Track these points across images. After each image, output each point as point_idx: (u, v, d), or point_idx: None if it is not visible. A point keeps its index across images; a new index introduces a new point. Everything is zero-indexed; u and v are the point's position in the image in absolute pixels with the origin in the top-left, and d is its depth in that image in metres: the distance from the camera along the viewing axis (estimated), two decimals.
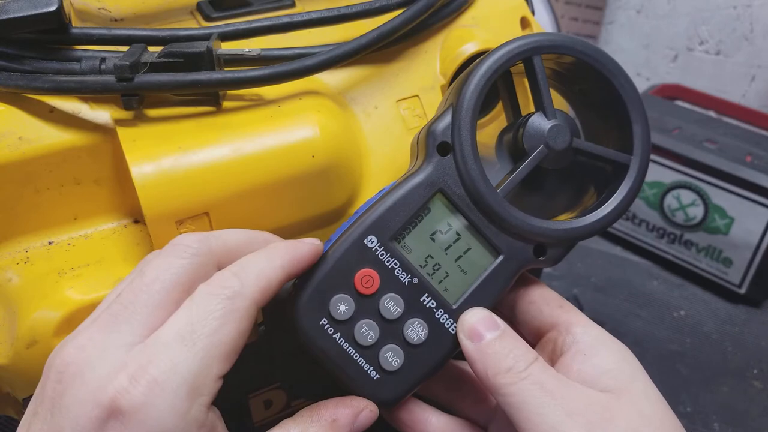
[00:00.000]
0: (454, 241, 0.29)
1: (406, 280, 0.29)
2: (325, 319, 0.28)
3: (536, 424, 0.25)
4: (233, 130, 0.31)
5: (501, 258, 0.29)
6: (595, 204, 0.30)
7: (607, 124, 0.31)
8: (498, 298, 0.30)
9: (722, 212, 0.73)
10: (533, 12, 0.43)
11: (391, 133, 0.36)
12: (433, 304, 0.29)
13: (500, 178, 0.30)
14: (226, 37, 0.33)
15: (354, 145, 0.34)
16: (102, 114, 0.31)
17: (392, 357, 0.29)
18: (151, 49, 0.31)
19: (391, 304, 0.29)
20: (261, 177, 0.30)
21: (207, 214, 0.30)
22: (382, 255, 0.29)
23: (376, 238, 0.29)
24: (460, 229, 0.29)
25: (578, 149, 0.30)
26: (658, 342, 0.69)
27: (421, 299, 0.29)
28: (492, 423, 0.31)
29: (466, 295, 0.29)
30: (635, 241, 0.82)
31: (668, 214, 0.77)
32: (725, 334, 0.71)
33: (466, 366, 0.32)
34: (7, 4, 0.28)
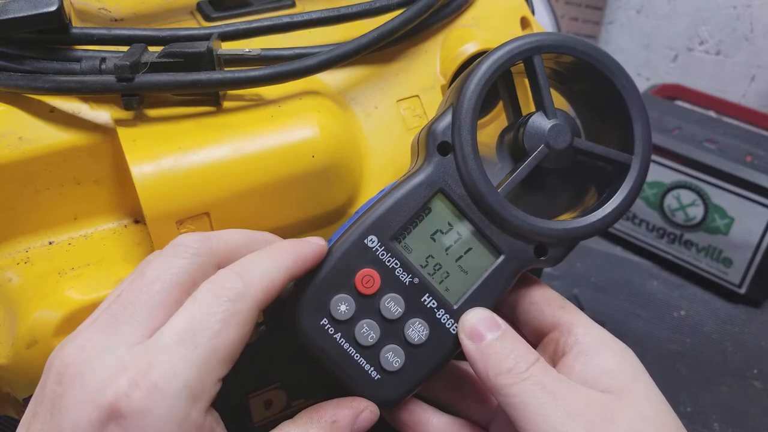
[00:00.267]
0: (455, 241, 0.29)
1: (407, 280, 0.29)
2: (325, 319, 0.28)
3: (537, 425, 0.25)
4: (233, 130, 0.31)
5: (502, 258, 0.29)
6: (596, 204, 0.30)
7: (607, 124, 0.31)
8: (499, 299, 0.30)
9: (722, 212, 0.73)
10: (533, 12, 0.43)
11: (391, 133, 0.36)
12: (434, 304, 0.29)
13: (501, 178, 0.30)
14: (227, 37, 0.33)
15: (354, 145, 0.34)
16: (102, 114, 0.31)
17: (393, 357, 0.29)
18: (152, 49, 0.31)
19: (392, 304, 0.29)
20: (261, 177, 0.30)
21: (207, 214, 0.30)
22: (383, 255, 0.29)
23: (377, 238, 0.29)
24: (461, 229, 0.29)
25: (579, 149, 0.30)
26: (658, 342, 0.69)
27: (422, 299, 0.29)
28: (493, 423, 0.31)
29: (467, 296, 0.29)
30: (635, 241, 0.82)
31: (668, 214, 0.77)
32: (725, 334, 0.71)
33: (467, 366, 0.32)
34: (8, 4, 0.28)
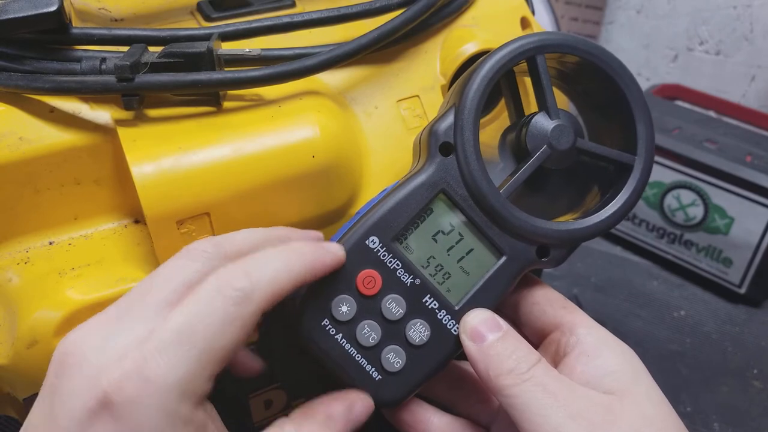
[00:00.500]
0: (457, 242, 0.29)
1: (408, 280, 0.29)
2: (326, 320, 0.28)
3: (539, 426, 0.25)
4: (233, 130, 0.31)
5: (504, 259, 0.29)
6: (599, 205, 0.30)
7: (610, 124, 0.31)
8: (501, 299, 0.30)
9: (722, 212, 0.73)
10: (533, 12, 0.43)
11: (392, 133, 0.36)
12: (435, 305, 0.29)
13: (503, 179, 0.30)
14: (227, 37, 0.33)
15: (354, 145, 0.34)
16: (102, 114, 0.31)
17: (394, 358, 0.29)
18: (152, 49, 0.31)
19: (393, 305, 0.28)
20: (261, 177, 0.30)
21: (207, 214, 0.30)
22: (384, 256, 0.29)
23: (378, 238, 0.28)
24: (463, 230, 0.29)
25: (582, 149, 0.30)
26: (658, 342, 0.69)
27: (423, 300, 0.29)
28: (494, 424, 0.31)
29: (469, 296, 0.29)
30: (635, 241, 0.82)
31: (668, 214, 0.77)
32: (725, 334, 0.71)
33: (468, 366, 0.32)
34: (8, 4, 0.28)
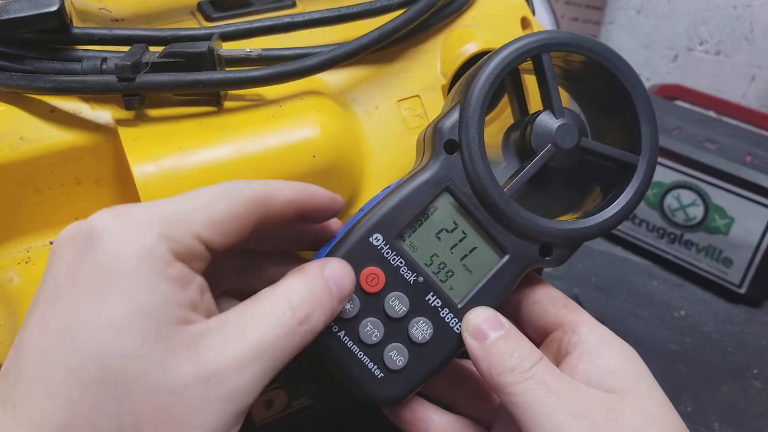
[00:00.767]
0: (460, 240, 0.29)
1: (412, 278, 0.29)
2: None
3: (540, 424, 0.25)
4: (234, 130, 0.31)
5: (507, 257, 0.29)
6: (602, 204, 0.30)
7: (613, 123, 0.31)
8: (503, 298, 0.30)
9: (722, 212, 0.73)
10: (533, 12, 0.43)
11: (392, 133, 0.36)
12: (438, 303, 0.29)
13: (506, 178, 0.30)
14: (227, 37, 0.33)
15: (355, 145, 0.34)
16: (103, 114, 0.31)
17: (396, 356, 0.29)
18: (153, 49, 0.31)
19: (396, 303, 0.28)
20: (262, 177, 0.30)
21: None
22: (388, 253, 0.29)
23: (382, 236, 0.28)
24: (466, 228, 0.29)
25: (586, 149, 0.30)
26: (659, 342, 0.69)
27: (426, 298, 0.29)
28: (495, 422, 0.31)
29: (471, 295, 0.29)
30: (635, 241, 0.82)
31: (668, 214, 0.78)
32: (725, 334, 0.71)
33: (469, 365, 0.32)
34: (8, 4, 0.28)
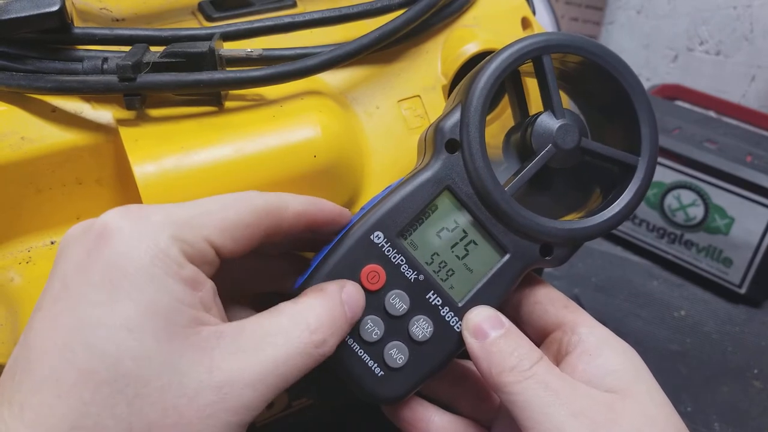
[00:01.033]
0: (461, 239, 0.29)
1: (412, 276, 0.29)
2: None
3: (540, 423, 0.25)
4: (235, 130, 0.31)
5: (507, 257, 0.29)
6: (602, 204, 0.30)
7: (613, 124, 0.31)
8: (504, 297, 0.30)
9: (722, 212, 0.73)
10: (534, 12, 0.43)
11: (393, 133, 0.36)
12: (438, 301, 0.29)
13: (507, 177, 0.30)
14: (228, 37, 0.33)
15: (356, 145, 0.34)
16: (104, 114, 0.31)
17: (397, 354, 0.29)
18: (153, 49, 0.31)
19: (397, 301, 0.28)
20: (263, 177, 0.30)
21: None
22: (389, 251, 0.29)
23: (383, 234, 0.29)
24: (467, 227, 0.29)
25: (586, 149, 0.30)
26: (659, 342, 0.69)
27: (427, 296, 0.29)
28: (495, 422, 0.31)
29: (472, 294, 0.29)
30: (635, 241, 0.82)
31: (668, 214, 0.78)
32: (725, 334, 0.71)
33: (469, 364, 0.32)
34: (10, 4, 0.28)
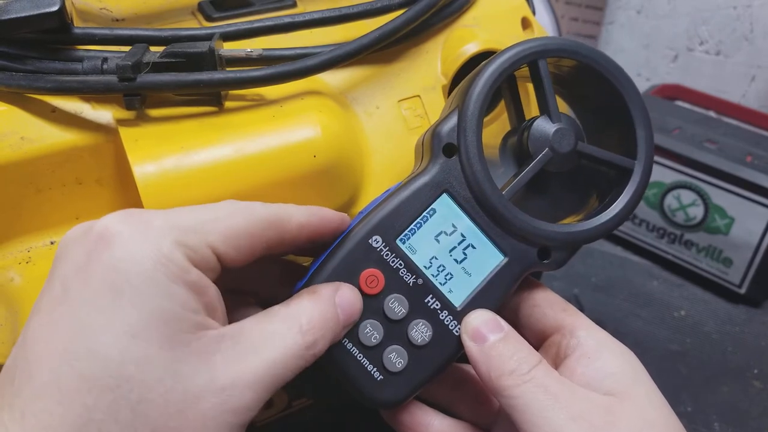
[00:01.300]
0: (459, 243, 0.29)
1: (411, 280, 0.29)
2: None
3: (539, 427, 0.25)
4: (235, 130, 0.31)
5: (505, 260, 0.29)
6: (599, 208, 0.30)
7: (609, 128, 0.31)
8: (502, 301, 0.30)
9: (722, 212, 0.73)
10: (534, 12, 0.43)
11: (393, 133, 0.36)
12: (437, 305, 0.29)
13: (504, 182, 0.30)
14: (228, 37, 0.33)
15: (356, 145, 0.34)
16: (104, 114, 0.31)
17: (396, 358, 0.29)
18: (153, 49, 0.31)
19: (396, 305, 0.28)
20: (263, 177, 0.30)
21: None
22: (387, 255, 0.29)
23: (381, 238, 0.29)
24: (465, 231, 0.29)
25: (583, 153, 0.30)
26: (659, 342, 0.69)
27: (426, 300, 0.29)
28: (494, 426, 0.31)
29: (471, 297, 0.29)
30: (635, 241, 0.82)
31: (668, 214, 0.78)
32: (725, 334, 0.71)
33: (468, 368, 0.32)
34: (9, 4, 0.28)
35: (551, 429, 0.25)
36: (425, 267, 0.29)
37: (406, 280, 0.29)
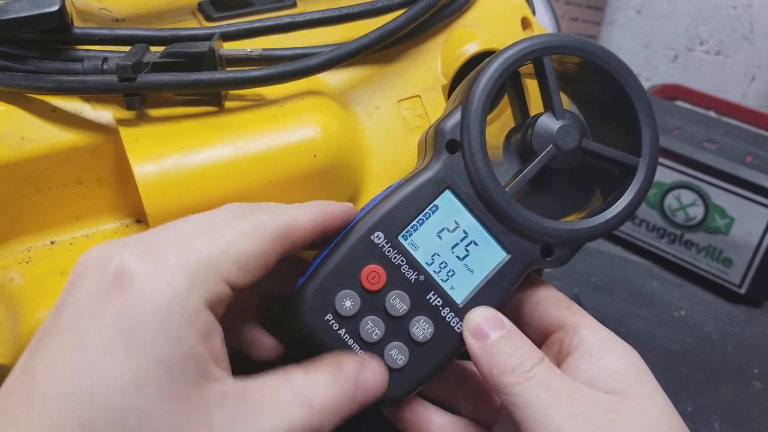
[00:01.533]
0: (462, 240, 0.29)
1: (413, 277, 0.29)
2: (330, 315, 0.28)
3: (541, 425, 0.25)
4: (235, 130, 0.31)
5: (508, 257, 0.29)
6: (603, 205, 0.30)
7: (613, 125, 0.31)
8: (504, 298, 0.30)
9: (722, 212, 0.73)
10: (534, 12, 0.43)
11: (393, 133, 0.36)
12: (439, 302, 0.29)
13: (508, 178, 0.30)
14: (228, 37, 0.33)
15: (356, 145, 0.34)
16: (104, 114, 0.31)
17: (397, 354, 0.29)
18: (153, 49, 0.31)
19: (397, 301, 0.28)
20: (263, 177, 0.30)
21: None
22: (389, 251, 0.29)
23: (383, 234, 0.29)
24: (468, 228, 0.29)
25: (587, 150, 0.30)
26: (659, 342, 0.69)
27: (427, 297, 0.29)
28: (496, 423, 0.31)
29: (473, 294, 0.29)
30: (635, 241, 0.82)
31: (668, 214, 0.78)
32: (725, 334, 0.71)
33: (470, 365, 0.32)
34: (9, 4, 0.28)
35: (553, 427, 0.25)
36: (427, 263, 0.29)
37: (408, 276, 0.29)
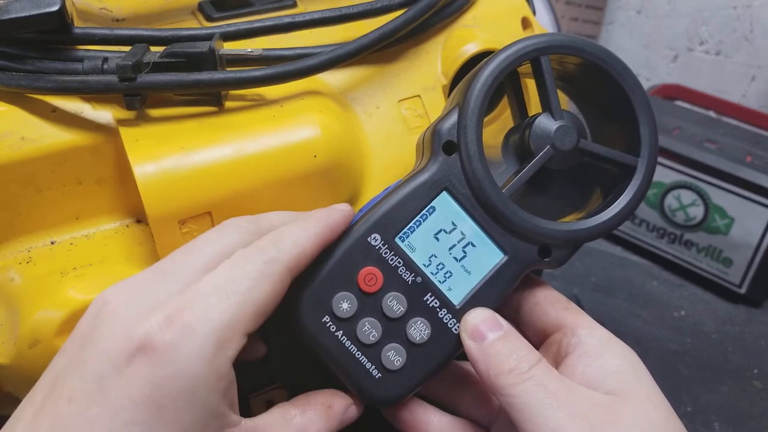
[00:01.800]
0: (459, 241, 0.29)
1: (410, 278, 0.29)
2: (327, 317, 0.28)
3: (539, 426, 0.25)
4: (235, 130, 0.31)
5: (505, 258, 0.29)
6: (602, 206, 0.30)
7: (612, 125, 0.31)
8: (502, 299, 0.30)
9: (722, 212, 0.73)
10: (534, 12, 0.43)
11: (393, 133, 0.36)
12: (436, 303, 0.29)
13: (505, 179, 0.30)
14: (228, 37, 0.33)
15: (356, 145, 0.34)
16: (104, 114, 0.31)
17: (394, 356, 0.29)
18: (154, 49, 0.31)
19: (394, 303, 0.29)
20: (263, 177, 0.30)
21: (209, 213, 0.30)
22: (386, 253, 0.29)
23: (380, 236, 0.29)
24: (465, 229, 0.29)
25: (585, 150, 0.30)
26: (659, 342, 0.69)
27: (425, 298, 0.29)
28: (494, 424, 0.31)
29: (470, 295, 0.29)
30: (635, 241, 0.82)
31: (668, 214, 0.78)
32: (725, 334, 0.71)
33: (468, 366, 0.32)
34: (10, 4, 0.28)
35: (550, 428, 0.25)
36: (424, 265, 0.29)
37: (405, 278, 0.29)
